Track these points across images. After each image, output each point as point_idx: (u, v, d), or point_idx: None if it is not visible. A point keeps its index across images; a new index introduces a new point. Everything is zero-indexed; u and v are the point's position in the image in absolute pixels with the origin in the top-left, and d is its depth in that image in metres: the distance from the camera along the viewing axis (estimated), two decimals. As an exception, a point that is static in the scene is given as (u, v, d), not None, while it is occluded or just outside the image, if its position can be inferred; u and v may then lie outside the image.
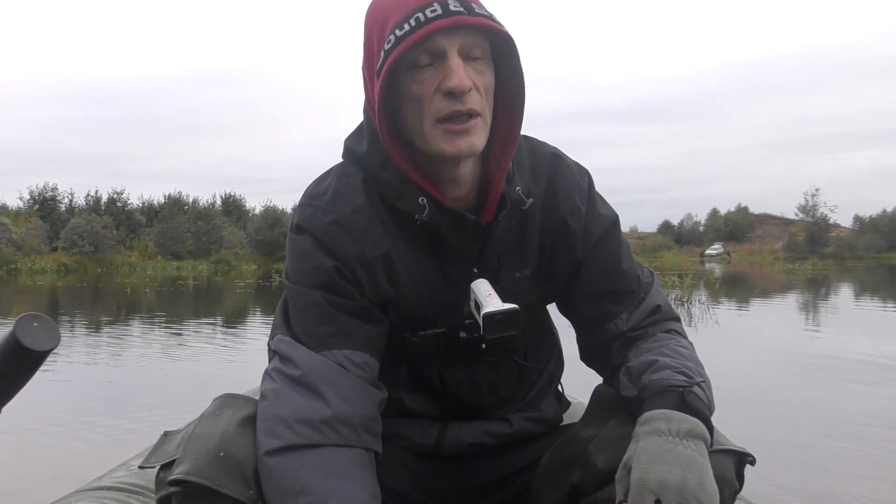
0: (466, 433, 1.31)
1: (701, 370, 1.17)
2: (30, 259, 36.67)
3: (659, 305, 1.29)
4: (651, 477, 0.97)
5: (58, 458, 3.34)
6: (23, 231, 39.20)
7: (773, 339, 8.07)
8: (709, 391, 1.13)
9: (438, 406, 1.31)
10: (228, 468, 1.02)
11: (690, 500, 0.96)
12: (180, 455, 1.04)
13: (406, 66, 1.08)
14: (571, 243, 1.26)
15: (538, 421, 1.37)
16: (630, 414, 1.13)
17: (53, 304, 14.66)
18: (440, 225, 1.17)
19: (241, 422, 1.08)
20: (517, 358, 1.31)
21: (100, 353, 6.96)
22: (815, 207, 67.93)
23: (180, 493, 1.01)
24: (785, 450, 3.32)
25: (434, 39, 1.06)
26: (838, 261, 51.09)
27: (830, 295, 16.79)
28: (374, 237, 1.18)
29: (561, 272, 1.28)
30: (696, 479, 0.97)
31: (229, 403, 1.13)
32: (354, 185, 1.20)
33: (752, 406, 4.06)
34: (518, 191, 1.19)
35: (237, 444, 1.04)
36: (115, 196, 50.24)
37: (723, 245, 79.97)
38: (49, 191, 49.13)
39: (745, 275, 31.27)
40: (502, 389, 1.33)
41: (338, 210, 1.18)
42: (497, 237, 1.21)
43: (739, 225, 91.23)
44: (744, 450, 1.11)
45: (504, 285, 1.21)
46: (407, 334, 1.24)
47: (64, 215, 46.35)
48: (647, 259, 35.82)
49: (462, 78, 1.06)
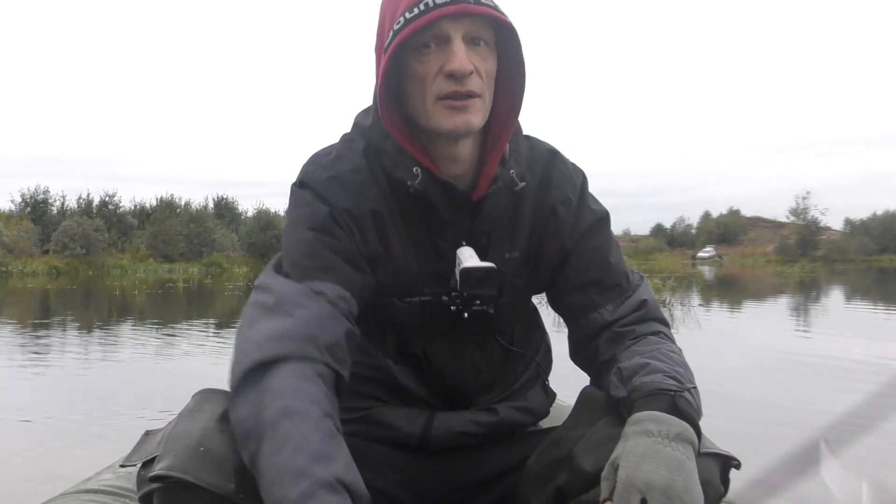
0: (454, 422, 1.34)
1: (690, 376, 1.18)
2: (21, 262, 36.44)
3: (646, 300, 1.31)
4: (639, 476, 0.98)
5: (42, 460, 3.29)
6: (14, 234, 38.94)
7: (751, 341, 8.16)
8: (698, 397, 1.15)
9: (424, 385, 1.34)
10: (208, 463, 1.02)
11: (675, 502, 0.96)
12: (161, 452, 1.04)
13: (413, 48, 1.16)
14: (559, 231, 1.32)
15: (525, 411, 1.41)
16: (617, 416, 1.14)
17: (43, 306, 14.61)
18: (432, 195, 1.24)
19: (221, 417, 1.09)
20: (502, 340, 1.36)
21: (86, 355, 6.92)
22: (807, 210, 68.08)
23: (161, 490, 1.02)
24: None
25: (440, 24, 1.13)
26: (828, 263, 51.18)
27: (816, 297, 16.91)
28: (368, 195, 1.26)
29: (548, 258, 1.34)
30: (683, 481, 0.98)
31: (208, 399, 1.14)
32: (356, 150, 1.29)
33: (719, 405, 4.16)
34: (511, 173, 1.26)
35: (217, 439, 1.05)
36: (108, 199, 49.80)
37: (715, 248, 80.00)
38: (41, 193, 48.74)
39: (735, 277, 31.36)
40: (486, 372, 1.36)
41: (337, 168, 1.27)
42: (486, 213, 1.27)
43: (731, 228, 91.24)
44: (729, 454, 1.11)
45: (492, 262, 1.25)
46: (394, 298, 1.29)
47: (55, 218, 45.94)
48: (639, 261, 35.77)
49: (463, 61, 1.13)
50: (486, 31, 1.17)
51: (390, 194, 1.27)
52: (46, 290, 20.21)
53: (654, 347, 1.23)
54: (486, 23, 1.17)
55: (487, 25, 1.17)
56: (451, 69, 1.13)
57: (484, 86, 1.18)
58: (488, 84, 1.19)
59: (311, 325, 1.12)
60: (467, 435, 1.34)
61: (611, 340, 1.28)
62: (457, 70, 1.13)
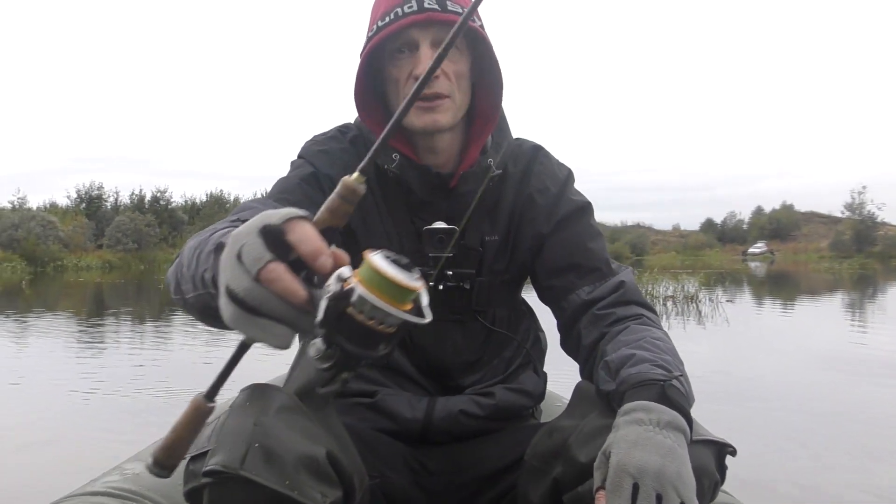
0: (453, 404, 1.38)
1: (679, 363, 1.18)
2: (76, 256, 37.46)
3: (624, 282, 1.34)
4: (630, 461, 0.98)
5: (47, 461, 3.26)
6: (69, 229, 40.06)
7: (778, 337, 8.06)
8: (688, 385, 1.14)
9: (412, 364, 1.40)
10: (264, 459, 1.00)
11: (668, 487, 0.96)
12: (213, 446, 1.03)
13: (389, 53, 1.30)
14: (536, 218, 1.40)
15: (520, 392, 1.45)
16: (610, 408, 1.14)
17: (97, 299, 14.99)
18: (408, 177, 1.36)
19: (274, 412, 1.07)
20: (482, 319, 1.42)
21: (140, 344, 7.15)
22: (863, 205, 66.13)
23: (213, 485, 1.00)
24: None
25: (409, 32, 1.26)
26: (885, 259, 49.73)
27: (872, 294, 16.38)
28: (353, 169, 1.27)
29: (525, 243, 1.41)
30: (675, 467, 0.98)
31: (258, 394, 1.12)
32: (347, 135, 1.43)
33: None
34: (490, 161, 1.37)
35: (271, 434, 1.03)
36: (159, 194, 50.83)
37: (766, 243, 78.33)
38: (95, 189, 49.96)
39: (785, 273, 30.66)
40: (468, 352, 1.42)
41: (329, 145, 1.41)
42: (461, 195, 1.36)
43: (784, 223, 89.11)
44: (724, 441, 1.12)
45: (469, 242, 1.38)
46: None
47: (109, 213, 47.10)
48: (688, 257, 35.07)
49: (427, 67, 1.16)
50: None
51: (374, 179, 1.38)
52: (100, 284, 20.74)
53: (639, 336, 1.23)
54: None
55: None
56: (416, 73, 1.25)
57: (453, 87, 1.29)
58: (459, 84, 1.31)
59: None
60: (468, 416, 1.38)
61: (591, 323, 1.31)
62: (421, 75, 1.13)
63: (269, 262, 0.71)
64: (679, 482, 0.97)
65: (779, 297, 15.71)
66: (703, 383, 4.55)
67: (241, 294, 0.72)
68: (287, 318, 0.72)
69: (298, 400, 1.11)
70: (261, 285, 0.71)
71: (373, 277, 0.70)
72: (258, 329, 0.73)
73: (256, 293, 0.71)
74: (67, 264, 35.01)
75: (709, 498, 1.09)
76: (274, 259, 0.72)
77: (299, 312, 0.72)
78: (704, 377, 5.03)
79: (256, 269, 0.71)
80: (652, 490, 0.96)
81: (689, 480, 0.99)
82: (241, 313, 0.73)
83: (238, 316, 0.73)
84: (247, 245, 0.73)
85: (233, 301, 0.73)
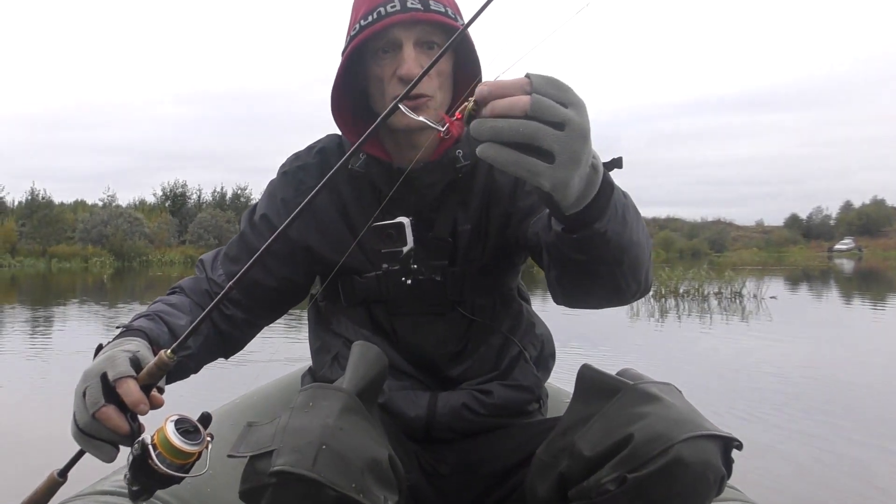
0: (454, 399, 1.39)
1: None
2: (160, 251, 39.02)
3: None
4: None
5: (54, 458, 3.27)
6: (154, 225, 41.74)
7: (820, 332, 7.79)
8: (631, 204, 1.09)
9: (401, 357, 1.41)
10: (332, 462, 1.00)
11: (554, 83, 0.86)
12: (278, 447, 1.01)
13: (371, 52, 1.29)
14: (500, 198, 1.40)
15: (518, 388, 1.44)
16: (611, 394, 1.12)
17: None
18: (372, 174, 1.38)
19: (339, 414, 1.06)
20: (462, 309, 1.41)
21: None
22: (961, 199, 62.57)
23: (278, 485, 0.99)
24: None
25: (392, 31, 1.25)
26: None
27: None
28: (306, 187, 1.42)
29: (494, 224, 1.40)
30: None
31: (322, 395, 1.11)
32: (313, 150, 1.49)
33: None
34: (458, 153, 1.35)
35: (338, 436, 1.03)
36: (239, 192, 52.42)
37: (854, 240, 74.97)
38: (179, 187, 51.84)
39: (872, 270, 29.27)
40: (451, 343, 1.42)
41: (289, 165, 1.48)
42: (428, 187, 1.36)
43: (874, 218, 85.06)
44: (730, 435, 1.08)
45: (439, 233, 1.39)
46: (356, 276, 1.41)
47: (192, 210, 48.84)
48: (770, 254, 33.93)
49: (411, 67, 1.24)
50: (438, 35, 1.27)
51: (347, 179, 1.42)
52: (178, 278, 21.46)
53: None
54: (437, 27, 1.26)
55: (440, 29, 1.27)
56: (400, 73, 1.25)
57: (436, 86, 1.28)
58: (442, 83, 1.29)
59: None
60: (470, 411, 1.38)
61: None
62: (405, 75, 1.24)
63: (102, 407, 1.01)
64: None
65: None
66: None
67: (81, 425, 1.04)
68: (114, 441, 1.04)
69: (360, 401, 1.10)
70: (96, 420, 1.02)
71: (164, 442, 0.98)
72: (91, 447, 1.05)
73: (92, 426, 1.03)
74: (152, 259, 36.42)
75: (715, 492, 1.06)
76: (106, 404, 1.02)
77: (123, 438, 1.03)
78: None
79: (93, 411, 1.02)
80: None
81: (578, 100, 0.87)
82: (81, 435, 1.04)
83: (78, 436, 1.05)
84: (90, 387, 1.03)
85: (76, 426, 1.05)
